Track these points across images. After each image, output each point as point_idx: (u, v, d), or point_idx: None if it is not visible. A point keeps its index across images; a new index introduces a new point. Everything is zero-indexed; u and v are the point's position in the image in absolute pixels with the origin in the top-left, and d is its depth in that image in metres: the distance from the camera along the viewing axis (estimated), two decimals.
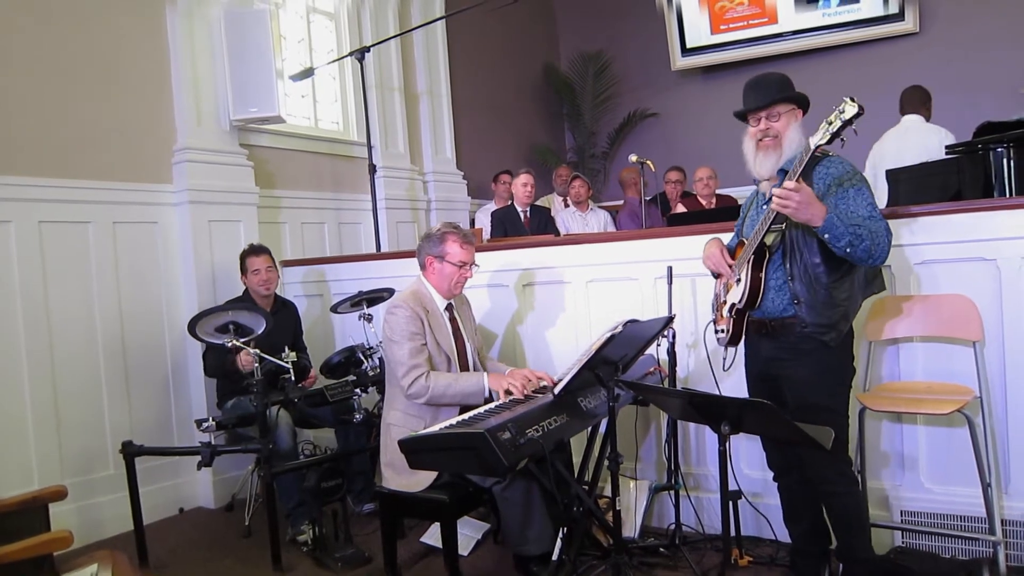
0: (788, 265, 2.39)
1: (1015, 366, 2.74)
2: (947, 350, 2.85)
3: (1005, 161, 3.38)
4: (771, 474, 2.74)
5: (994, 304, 2.75)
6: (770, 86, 2.47)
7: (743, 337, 2.57)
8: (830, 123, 2.18)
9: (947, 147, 3.70)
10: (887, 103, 6.58)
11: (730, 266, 2.56)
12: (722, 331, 2.60)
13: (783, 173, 2.42)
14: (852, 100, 2.13)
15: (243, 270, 3.90)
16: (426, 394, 2.80)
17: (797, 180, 2.22)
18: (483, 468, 2.27)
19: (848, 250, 2.23)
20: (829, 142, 2.21)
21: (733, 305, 2.50)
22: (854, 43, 6.91)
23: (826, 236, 2.23)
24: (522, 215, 5.43)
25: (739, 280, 2.49)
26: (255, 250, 3.90)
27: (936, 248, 2.84)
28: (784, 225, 2.38)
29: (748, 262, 2.43)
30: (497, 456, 2.13)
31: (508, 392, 2.76)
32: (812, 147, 2.23)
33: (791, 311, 2.40)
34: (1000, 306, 2.75)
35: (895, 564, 2.77)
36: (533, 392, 2.78)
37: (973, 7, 6.42)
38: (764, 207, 2.49)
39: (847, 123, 2.15)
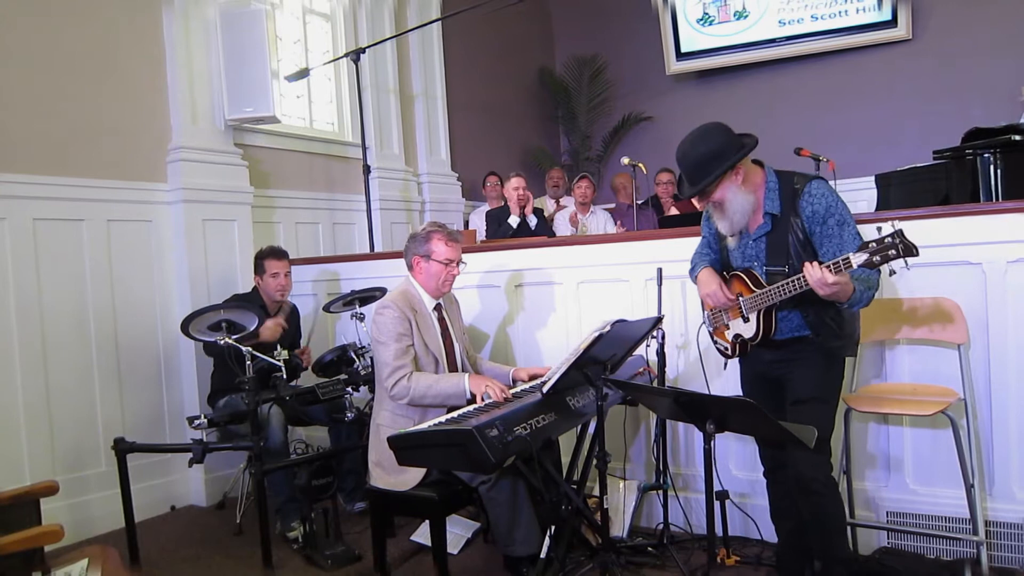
0: (801, 304, 2.39)
1: (999, 369, 2.77)
2: (933, 352, 2.89)
3: (992, 167, 3.43)
4: (758, 475, 2.77)
5: (979, 307, 2.79)
6: (694, 170, 2.41)
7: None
8: (877, 249, 2.07)
9: (935, 152, 3.74)
10: (879, 109, 6.66)
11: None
12: (725, 347, 2.63)
13: (770, 216, 2.41)
14: (901, 234, 2.02)
15: (259, 270, 3.85)
16: (407, 395, 2.81)
17: (838, 273, 2.15)
18: (471, 464, 2.29)
19: (856, 308, 2.32)
20: (871, 267, 2.11)
21: (739, 335, 2.53)
22: (847, 49, 6.95)
23: (844, 305, 2.30)
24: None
25: (748, 319, 2.49)
26: (276, 252, 3.85)
27: (923, 252, 2.83)
28: (786, 268, 2.37)
29: (760, 311, 2.43)
30: (484, 453, 2.16)
31: (485, 395, 2.74)
32: (855, 265, 2.11)
33: (804, 332, 2.44)
34: (985, 309, 2.79)
35: (878, 564, 2.80)
36: (523, 390, 2.80)
37: (966, 14, 6.47)
38: (752, 242, 2.46)
39: (892, 259, 2.05)
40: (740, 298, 2.50)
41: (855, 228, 2.35)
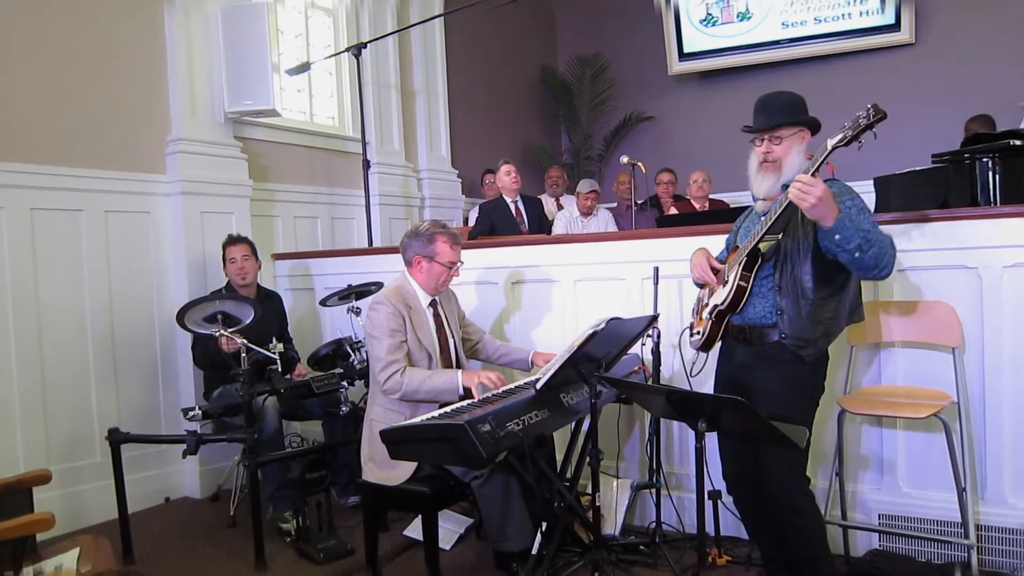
0: (777, 276, 2.38)
1: (993, 373, 2.77)
2: (927, 356, 2.89)
3: (991, 172, 3.42)
4: (728, 489, 2.73)
5: (974, 311, 2.79)
6: (777, 108, 2.43)
7: (717, 341, 2.57)
8: (850, 125, 2.16)
9: (933, 156, 3.74)
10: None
11: (716, 271, 2.58)
12: (698, 333, 2.61)
13: (785, 188, 2.42)
14: (875, 106, 2.11)
15: (223, 260, 3.91)
16: (400, 390, 2.81)
17: (814, 175, 2.18)
18: (462, 459, 2.29)
19: (857, 255, 2.19)
20: (847, 143, 2.17)
21: (715, 307, 2.50)
22: (850, 52, 6.96)
23: (836, 237, 2.19)
24: (513, 207, 5.37)
25: (726, 282, 2.49)
26: (233, 240, 3.91)
27: (919, 255, 2.87)
28: (780, 235, 2.38)
29: (739, 264, 2.43)
30: (476, 448, 2.16)
31: (481, 386, 2.75)
32: (829, 147, 2.19)
33: (772, 320, 2.40)
34: (980, 314, 2.78)
35: (869, 565, 2.80)
36: (515, 387, 2.80)
37: (969, 19, 6.48)
38: (761, 219, 2.49)
39: (868, 126, 2.13)
40: (726, 262, 2.52)
41: (871, 216, 2.32)
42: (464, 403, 2.62)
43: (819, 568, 2.42)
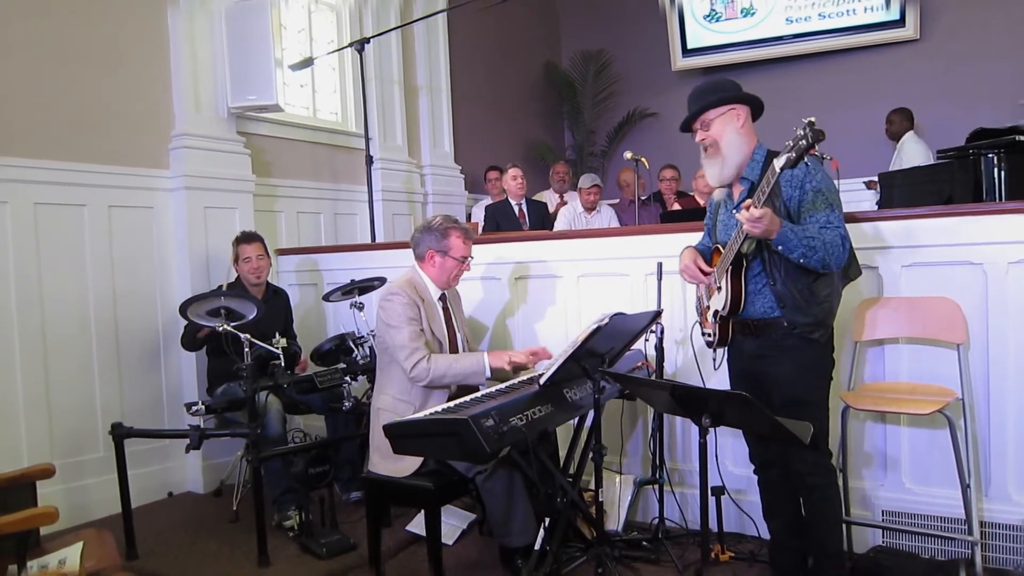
0: (768, 269, 2.39)
1: (998, 369, 2.76)
2: (931, 352, 2.88)
3: (995, 167, 3.42)
4: (755, 470, 2.76)
5: (979, 308, 2.78)
6: (700, 95, 2.45)
7: (730, 338, 2.59)
8: (792, 147, 2.11)
9: (939, 152, 3.73)
10: (885, 108, 6.65)
11: (706, 274, 2.58)
12: (708, 335, 2.63)
13: (748, 181, 2.43)
14: (811, 124, 2.07)
15: (235, 257, 3.91)
16: (428, 376, 2.83)
17: (760, 206, 2.20)
18: (466, 455, 2.29)
19: (802, 260, 2.25)
20: (793, 165, 2.14)
21: (717, 312, 2.52)
22: (854, 48, 6.93)
23: (780, 248, 2.25)
24: (516, 209, 5.41)
25: (720, 288, 2.50)
26: (246, 237, 3.91)
27: (924, 251, 2.86)
28: None
29: (727, 271, 2.44)
30: (480, 443, 2.16)
31: (513, 363, 2.80)
32: (778, 169, 2.16)
33: (775, 312, 2.41)
34: (985, 310, 2.77)
35: (873, 562, 2.80)
36: (519, 382, 2.80)
37: (974, 16, 6.45)
38: (735, 211, 2.48)
39: (810, 146, 2.08)
40: (714, 269, 2.51)
41: (831, 201, 2.31)
42: (468, 398, 2.61)
43: (828, 548, 2.42)
